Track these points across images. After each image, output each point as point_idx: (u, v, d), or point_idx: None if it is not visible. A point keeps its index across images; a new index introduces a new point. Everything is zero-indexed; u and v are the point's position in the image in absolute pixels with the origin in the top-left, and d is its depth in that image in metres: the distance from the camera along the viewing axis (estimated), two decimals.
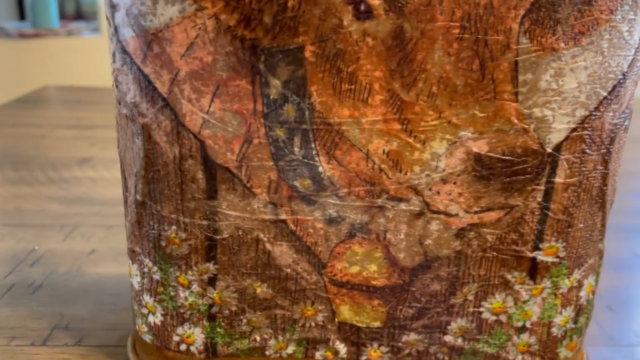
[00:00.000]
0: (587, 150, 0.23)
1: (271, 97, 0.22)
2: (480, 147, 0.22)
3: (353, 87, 0.22)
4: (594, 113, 0.23)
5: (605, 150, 0.23)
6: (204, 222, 0.24)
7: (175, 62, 0.22)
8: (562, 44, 0.21)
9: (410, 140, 0.22)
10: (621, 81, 0.23)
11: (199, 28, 0.21)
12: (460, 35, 0.21)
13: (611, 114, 0.23)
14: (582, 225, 0.24)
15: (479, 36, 0.21)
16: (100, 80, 1.30)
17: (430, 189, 0.23)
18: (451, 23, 0.21)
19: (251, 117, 0.22)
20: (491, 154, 0.22)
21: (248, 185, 0.23)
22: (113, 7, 0.22)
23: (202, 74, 0.22)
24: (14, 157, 0.61)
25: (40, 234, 0.42)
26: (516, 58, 0.21)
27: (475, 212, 0.23)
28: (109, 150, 0.64)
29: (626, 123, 0.24)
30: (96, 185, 0.53)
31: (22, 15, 2.55)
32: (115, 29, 0.22)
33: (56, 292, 0.34)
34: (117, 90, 0.23)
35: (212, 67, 0.21)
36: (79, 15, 2.17)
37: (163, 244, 0.24)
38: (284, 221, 0.23)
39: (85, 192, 0.51)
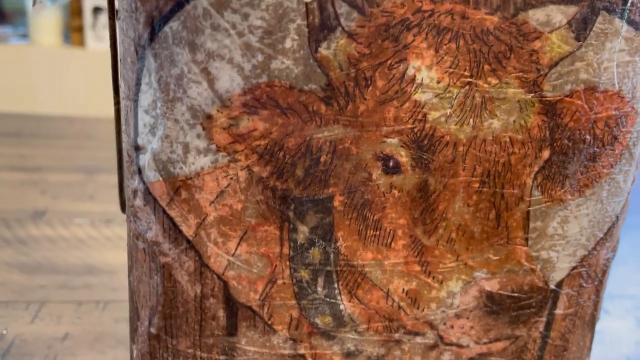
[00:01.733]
0: (584, 284, 0.25)
1: (298, 242, 0.22)
2: (492, 285, 0.24)
3: (378, 233, 0.22)
4: (591, 252, 0.24)
5: (598, 282, 0.25)
6: (222, 357, 0.24)
7: (204, 207, 0.22)
8: (569, 196, 0.23)
9: (429, 280, 0.23)
10: (615, 222, 0.25)
11: (231, 178, 0.21)
12: (480, 189, 0.22)
13: (605, 250, 0.25)
14: (575, 348, 0.26)
15: (497, 190, 0.22)
16: (37, 104, 1.23)
17: (444, 324, 0.24)
18: (472, 178, 0.22)
19: (277, 259, 0.22)
20: (502, 292, 0.24)
21: (269, 322, 0.23)
22: (138, 149, 0.22)
23: (231, 220, 0.22)
24: None
25: (5, 314, 0.40)
26: (528, 208, 0.23)
27: (485, 343, 0.25)
28: (62, 200, 0.62)
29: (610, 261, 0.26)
30: (56, 247, 0.51)
31: None
32: (139, 169, 0.22)
33: None
34: (135, 225, 0.23)
35: (241, 214, 0.22)
36: (1, 16, 2.05)
37: None
38: (302, 355, 0.24)
39: (46, 256, 0.49)
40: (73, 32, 1.25)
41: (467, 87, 0.21)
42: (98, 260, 0.50)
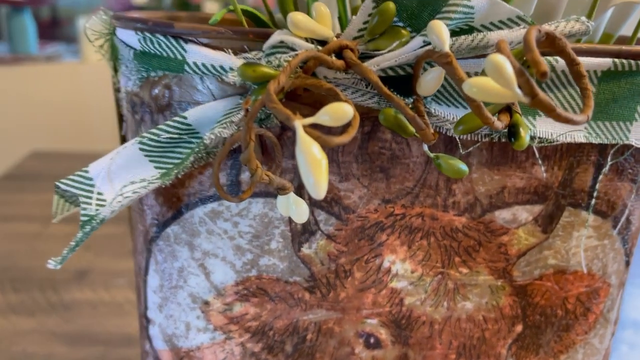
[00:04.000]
0: None
1: None
2: None
3: None
4: None
5: None
6: None
7: None
8: None
9: None
10: None
11: (227, 352, 0.24)
12: (457, 359, 0.24)
13: None
14: None
15: (473, 359, 0.24)
16: (89, 141, 1.29)
17: None
18: (449, 351, 0.24)
19: None
20: None
21: None
22: (148, 321, 0.25)
23: None
24: (13, 271, 0.62)
25: None
26: None
27: None
28: (105, 257, 0.66)
29: None
30: (97, 313, 0.55)
31: None
32: (149, 338, 0.25)
33: None
34: None
35: None
36: (55, 23, 2.13)
37: None
38: None
39: (88, 324, 0.53)
40: None
41: (440, 275, 0.23)
42: (134, 329, 0.54)
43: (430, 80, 0.18)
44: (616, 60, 0.20)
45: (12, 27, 1.88)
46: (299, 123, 0.15)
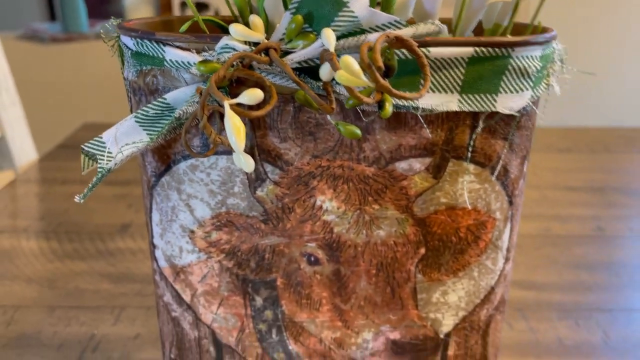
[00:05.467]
0: (468, 334, 0.34)
1: (256, 306, 0.33)
2: (395, 336, 0.34)
3: (309, 301, 0.33)
4: (471, 313, 0.34)
5: (482, 331, 0.35)
6: None
7: (194, 284, 0.33)
8: (445, 277, 0.32)
9: (349, 332, 0.34)
10: (491, 291, 0.34)
11: (209, 267, 0.33)
12: (377, 274, 0.32)
13: (485, 310, 0.34)
14: None
15: (389, 274, 0.32)
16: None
17: None
18: (370, 267, 0.32)
19: (244, 317, 0.34)
20: (402, 340, 0.34)
21: (243, 356, 0.35)
22: (154, 246, 0.34)
23: (212, 293, 0.33)
24: (68, 225, 0.74)
25: (97, 317, 0.55)
26: (414, 286, 0.32)
27: None
28: (143, 214, 0.77)
29: (499, 314, 0.35)
30: (136, 259, 0.66)
31: (52, 16, 2.66)
32: (156, 259, 0.34)
33: None
34: (157, 291, 0.35)
35: (218, 289, 0.33)
36: (103, 1, 2.25)
37: None
38: None
39: (128, 267, 0.64)
40: None
41: (359, 211, 0.31)
42: None
43: (325, 70, 0.26)
44: (477, 48, 0.27)
45: (65, 8, 2.01)
46: (227, 102, 0.24)
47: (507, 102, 0.29)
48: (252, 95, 0.24)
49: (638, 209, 0.79)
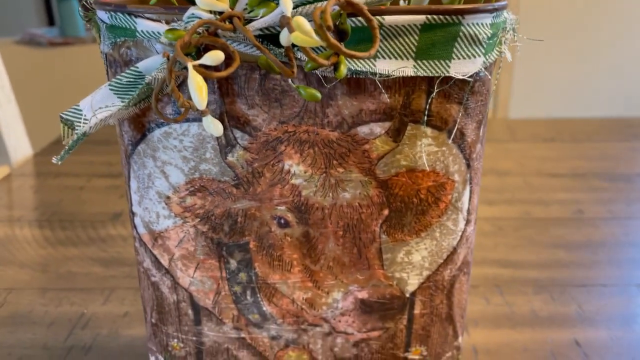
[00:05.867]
0: (433, 293, 0.36)
1: (231, 269, 0.35)
2: (363, 295, 0.35)
3: (280, 263, 0.35)
4: (435, 272, 0.35)
5: (447, 290, 0.36)
6: (194, 338, 0.37)
7: (172, 249, 0.35)
8: (408, 237, 0.34)
9: (319, 292, 0.35)
10: (453, 252, 0.35)
11: (185, 232, 0.34)
12: (344, 235, 0.34)
13: (448, 270, 0.36)
14: (436, 335, 0.37)
15: (355, 235, 0.34)
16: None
17: (334, 319, 0.36)
18: (337, 228, 0.34)
19: (219, 280, 0.35)
20: (370, 299, 0.35)
21: (220, 317, 0.37)
22: (133, 214, 0.36)
23: (188, 257, 0.35)
24: (61, 214, 0.75)
25: (87, 298, 0.57)
26: (380, 246, 0.34)
27: (364, 332, 0.36)
28: None
29: (463, 275, 0.37)
30: (126, 244, 0.68)
31: (50, 21, 2.68)
32: (135, 226, 0.36)
33: (101, 353, 0.49)
34: (137, 257, 0.37)
35: (194, 253, 0.35)
36: None
37: (169, 348, 0.38)
38: (243, 338, 0.37)
39: (119, 252, 0.66)
40: None
41: (324, 174, 0.32)
42: None
43: (285, 34, 0.27)
44: (429, 16, 0.29)
45: (62, 13, 2.04)
46: (190, 63, 0.26)
47: (460, 68, 0.30)
48: (214, 57, 0.26)
49: (619, 193, 0.81)
